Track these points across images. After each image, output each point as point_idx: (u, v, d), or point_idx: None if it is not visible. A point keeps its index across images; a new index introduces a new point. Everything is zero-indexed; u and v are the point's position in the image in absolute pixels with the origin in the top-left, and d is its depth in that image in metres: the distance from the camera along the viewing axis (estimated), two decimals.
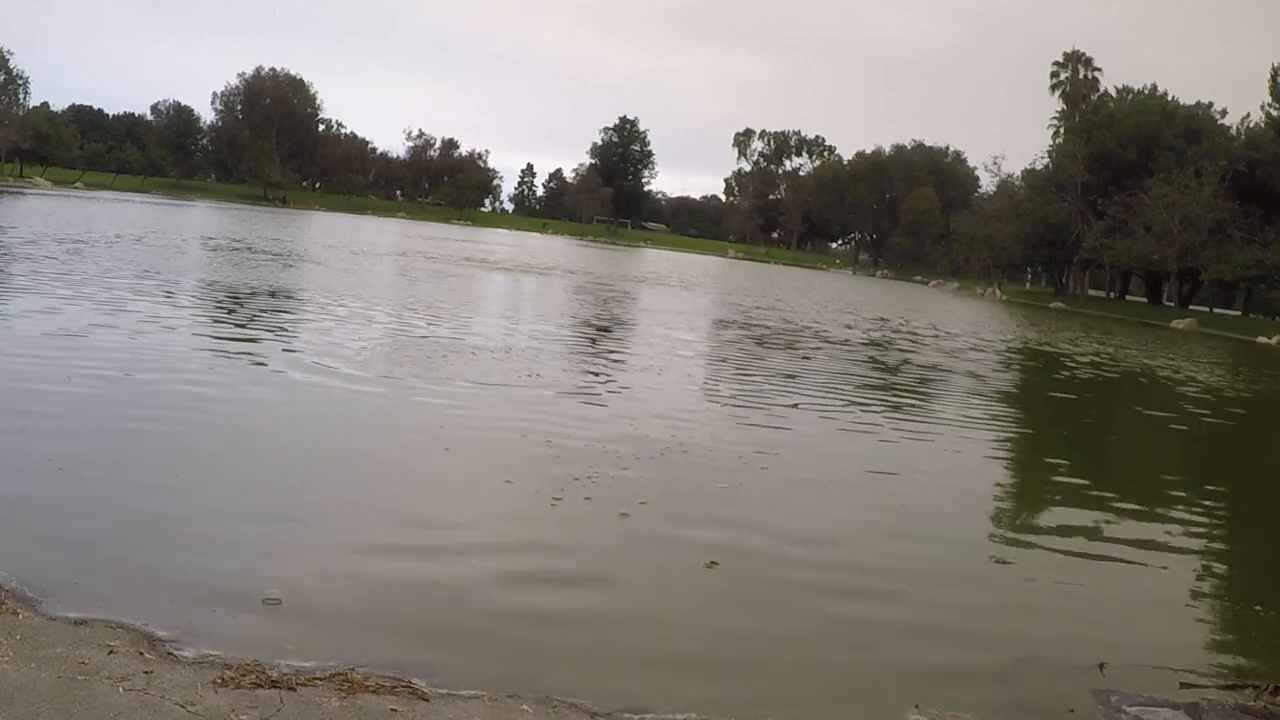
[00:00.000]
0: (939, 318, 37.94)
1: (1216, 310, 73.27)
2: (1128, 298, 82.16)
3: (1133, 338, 39.45)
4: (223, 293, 17.89)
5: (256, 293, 18.35)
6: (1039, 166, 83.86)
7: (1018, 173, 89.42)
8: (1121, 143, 71.46)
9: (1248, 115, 71.91)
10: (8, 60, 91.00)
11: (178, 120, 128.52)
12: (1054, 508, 8.56)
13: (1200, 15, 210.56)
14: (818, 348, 20.13)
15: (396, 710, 3.72)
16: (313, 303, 17.99)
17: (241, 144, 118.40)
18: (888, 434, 11.03)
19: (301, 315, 16.08)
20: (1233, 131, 71.69)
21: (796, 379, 14.82)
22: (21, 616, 4.17)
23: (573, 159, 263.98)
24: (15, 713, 3.35)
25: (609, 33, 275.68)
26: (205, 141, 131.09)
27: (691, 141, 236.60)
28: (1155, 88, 77.98)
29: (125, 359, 10.27)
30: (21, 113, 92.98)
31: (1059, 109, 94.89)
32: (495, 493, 7.11)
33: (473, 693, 4.00)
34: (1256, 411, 19.30)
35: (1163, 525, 8.27)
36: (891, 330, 27.97)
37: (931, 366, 19.05)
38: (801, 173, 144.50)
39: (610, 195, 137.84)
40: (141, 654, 3.97)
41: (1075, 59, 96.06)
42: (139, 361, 10.23)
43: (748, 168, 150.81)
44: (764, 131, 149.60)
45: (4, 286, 15.28)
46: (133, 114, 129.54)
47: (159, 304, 15.14)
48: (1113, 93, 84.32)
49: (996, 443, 11.65)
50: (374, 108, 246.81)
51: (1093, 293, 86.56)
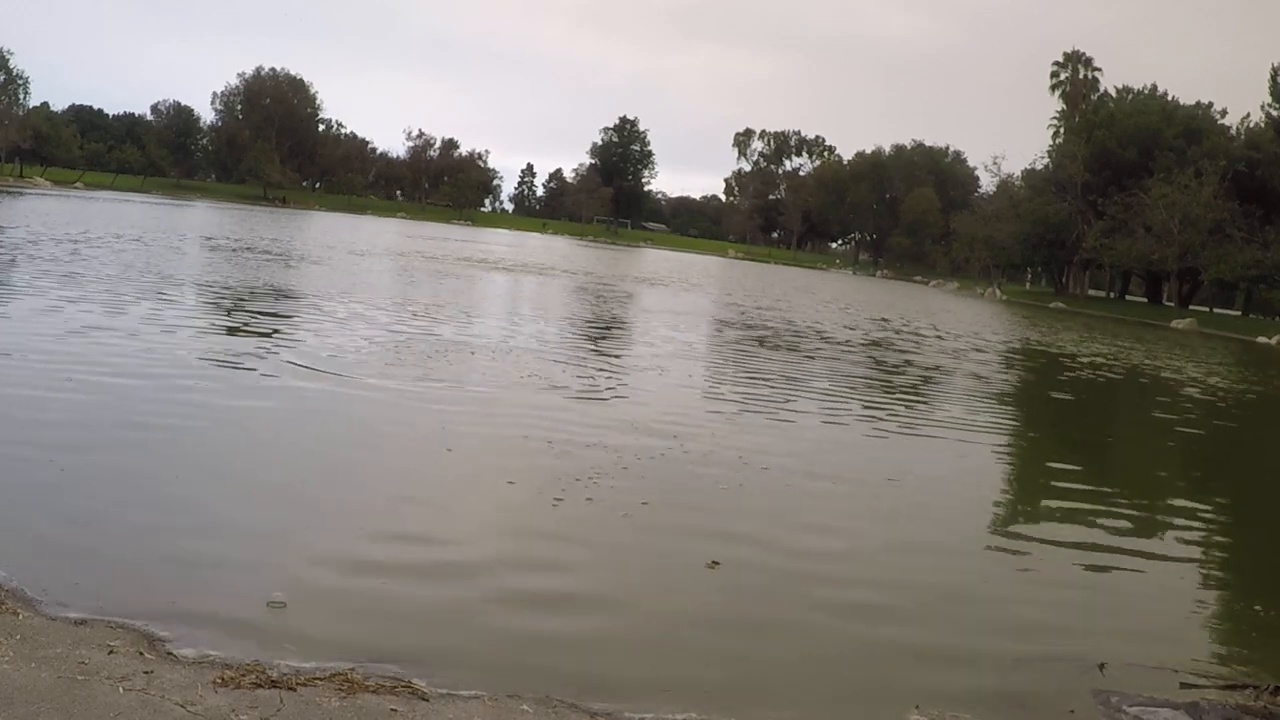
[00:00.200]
0: (939, 318, 37.94)
1: (1216, 310, 73.33)
2: (1128, 298, 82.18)
3: (1133, 338, 39.44)
4: (223, 293, 17.89)
5: (256, 293, 18.35)
6: (1039, 166, 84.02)
7: (1018, 173, 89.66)
8: (1121, 143, 71.50)
9: (1248, 115, 72.16)
10: (8, 60, 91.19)
11: (178, 120, 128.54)
12: (1054, 508, 8.56)
13: (1200, 15, 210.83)
14: (819, 348, 20.12)
15: (396, 710, 3.72)
16: (312, 303, 17.99)
17: (241, 144, 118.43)
18: (889, 434, 11.04)
19: (301, 316, 16.08)
20: (1233, 131, 71.76)
21: (798, 380, 14.82)
22: (21, 616, 4.17)
23: (573, 159, 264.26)
24: (15, 713, 3.35)
25: (609, 33, 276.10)
26: (205, 141, 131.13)
27: (691, 141, 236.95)
28: (1155, 88, 78.09)
29: (125, 360, 10.28)
30: (21, 113, 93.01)
31: (1059, 109, 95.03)
32: (497, 493, 7.11)
33: (473, 693, 4.00)
34: (1257, 412, 19.30)
35: (1163, 525, 8.28)
36: (893, 331, 27.97)
37: (934, 367, 19.05)
38: (801, 173, 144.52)
39: (610, 195, 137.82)
40: (141, 654, 3.97)
41: (1075, 59, 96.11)
42: (139, 362, 10.24)
43: (748, 168, 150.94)
44: (764, 131, 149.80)
45: (4, 287, 15.29)
46: (133, 114, 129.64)
47: (159, 304, 15.14)
48: (1113, 93, 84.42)
49: (997, 443, 11.66)
50: (374, 108, 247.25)
51: (1093, 293, 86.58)
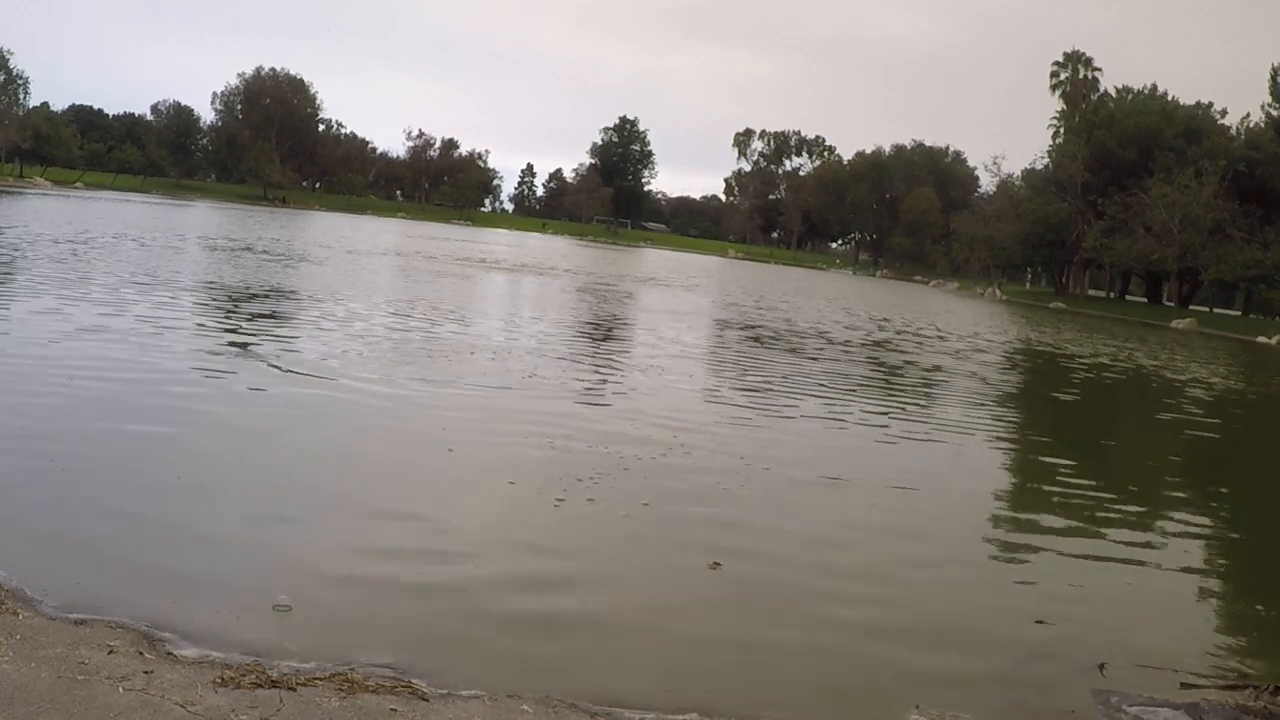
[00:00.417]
0: (940, 318, 37.94)
1: (1216, 310, 73.34)
2: (1128, 298, 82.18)
3: (1133, 338, 39.44)
4: (222, 293, 17.89)
5: (256, 293, 18.34)
6: (1039, 166, 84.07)
7: (1018, 173, 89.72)
8: (1121, 143, 71.51)
9: (1248, 115, 72.23)
10: (8, 60, 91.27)
11: (178, 120, 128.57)
12: (1054, 508, 8.55)
13: (1200, 15, 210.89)
14: (820, 348, 20.12)
15: (396, 710, 3.72)
16: (312, 303, 17.99)
17: (241, 144, 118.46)
18: (890, 435, 11.03)
19: (301, 316, 16.08)
20: (1233, 131, 71.79)
21: (799, 380, 14.81)
22: (21, 616, 4.17)
23: (573, 159, 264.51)
24: (15, 713, 3.35)
25: (609, 33, 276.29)
26: (205, 141, 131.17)
27: (691, 141, 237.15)
28: (1155, 88, 78.14)
29: (126, 360, 10.28)
30: (21, 113, 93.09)
31: (1059, 109, 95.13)
32: (498, 494, 7.11)
33: (473, 693, 4.00)
34: (1257, 412, 19.30)
35: (1163, 525, 8.27)
36: (894, 331, 27.97)
37: (935, 368, 19.05)
38: (801, 173, 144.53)
39: (610, 195, 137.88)
40: (141, 654, 3.97)
41: (1075, 59, 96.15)
42: (139, 362, 10.24)
43: (748, 168, 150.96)
44: (764, 131, 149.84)
45: (4, 287, 15.29)
46: (133, 114, 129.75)
47: (159, 305, 15.13)
48: (1113, 93, 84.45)
49: (998, 443, 11.67)
50: (374, 108, 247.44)
51: (1093, 293, 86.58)
